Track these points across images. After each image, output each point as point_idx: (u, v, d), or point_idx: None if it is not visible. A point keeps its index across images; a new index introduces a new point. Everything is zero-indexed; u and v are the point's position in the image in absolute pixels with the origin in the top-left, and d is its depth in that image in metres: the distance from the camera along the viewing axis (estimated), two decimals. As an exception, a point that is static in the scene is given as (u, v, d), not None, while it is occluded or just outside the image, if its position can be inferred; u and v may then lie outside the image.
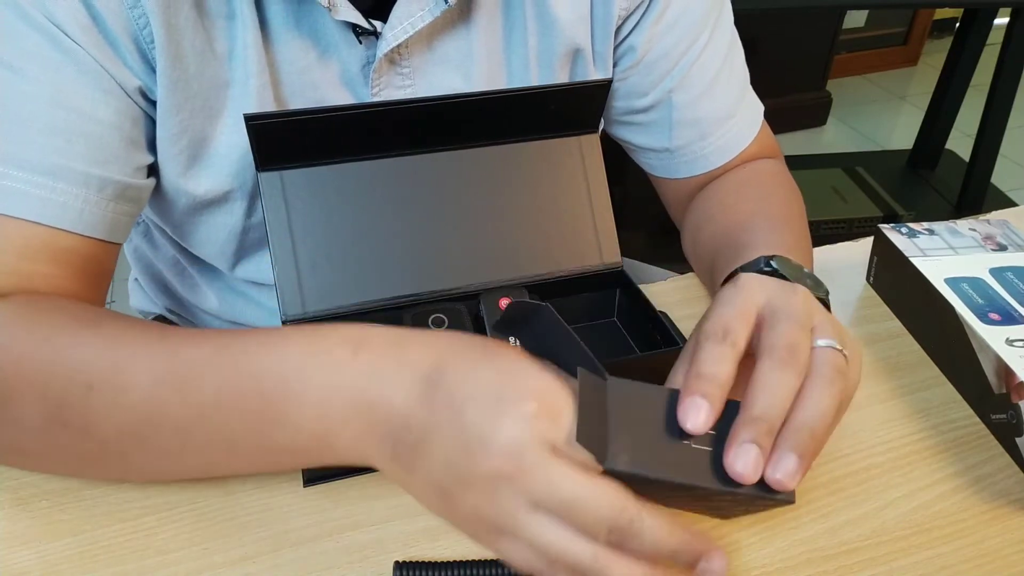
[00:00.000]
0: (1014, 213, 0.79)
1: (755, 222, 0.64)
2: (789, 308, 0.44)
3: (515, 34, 0.64)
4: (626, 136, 0.75)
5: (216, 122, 0.58)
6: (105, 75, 0.53)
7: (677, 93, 0.70)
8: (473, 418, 0.38)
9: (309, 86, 0.60)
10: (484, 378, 0.39)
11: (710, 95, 0.70)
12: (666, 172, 0.75)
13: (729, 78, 0.71)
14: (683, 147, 0.72)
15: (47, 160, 0.52)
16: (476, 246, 0.61)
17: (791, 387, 0.41)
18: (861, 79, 3.10)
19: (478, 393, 0.39)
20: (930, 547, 0.51)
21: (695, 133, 0.72)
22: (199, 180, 0.60)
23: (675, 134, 0.72)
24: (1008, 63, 1.94)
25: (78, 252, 0.54)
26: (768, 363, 0.41)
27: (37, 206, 0.52)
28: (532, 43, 0.64)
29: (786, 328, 0.43)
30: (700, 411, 0.40)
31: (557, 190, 0.63)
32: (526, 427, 0.38)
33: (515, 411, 0.38)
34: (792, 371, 0.41)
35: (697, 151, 0.72)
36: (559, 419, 0.39)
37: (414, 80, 0.62)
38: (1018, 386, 0.55)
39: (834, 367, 0.42)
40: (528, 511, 0.38)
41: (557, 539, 0.38)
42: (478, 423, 0.38)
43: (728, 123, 0.72)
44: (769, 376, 0.41)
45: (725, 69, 0.71)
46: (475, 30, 0.62)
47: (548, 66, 0.66)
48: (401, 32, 0.58)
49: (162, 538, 0.49)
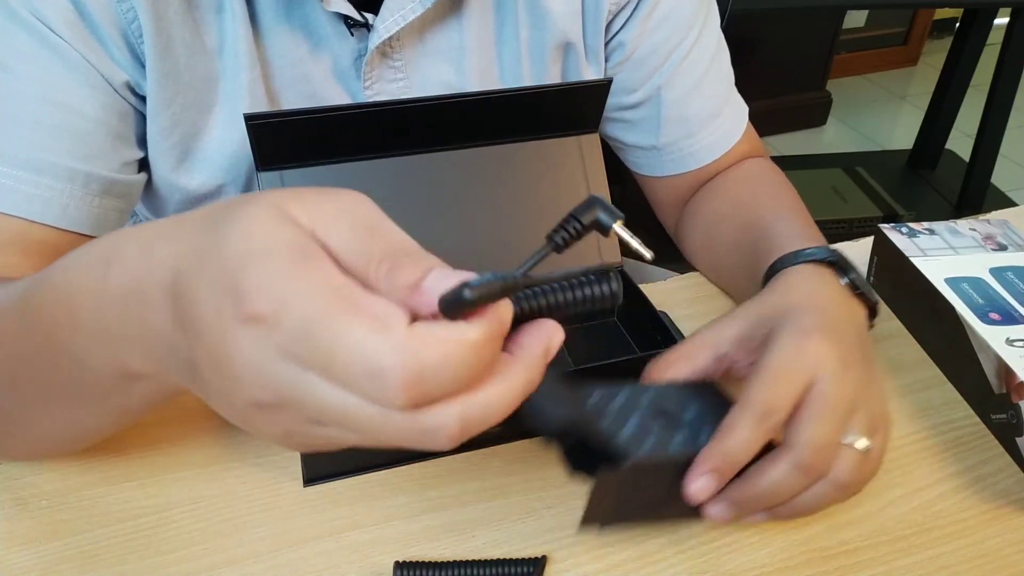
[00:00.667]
0: (1014, 213, 0.79)
1: (784, 214, 0.64)
2: (835, 400, 0.44)
3: (507, 27, 0.64)
4: (614, 133, 0.75)
5: (208, 116, 0.58)
6: (92, 70, 0.53)
7: (666, 90, 0.70)
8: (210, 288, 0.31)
9: (300, 79, 0.60)
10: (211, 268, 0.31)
11: (698, 92, 0.71)
12: (653, 170, 0.76)
13: (717, 76, 0.72)
14: (670, 145, 0.73)
15: (32, 155, 0.52)
16: (476, 246, 0.61)
17: (801, 487, 0.44)
18: (861, 79, 3.10)
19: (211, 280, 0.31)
20: (930, 547, 0.51)
21: (683, 131, 0.72)
22: (192, 175, 0.60)
23: (663, 131, 0.72)
24: (1008, 63, 1.94)
25: (52, 244, 0.54)
26: (788, 457, 0.43)
27: (21, 201, 0.52)
28: (524, 36, 0.65)
29: (821, 429, 0.44)
30: (708, 488, 0.43)
31: (557, 190, 0.63)
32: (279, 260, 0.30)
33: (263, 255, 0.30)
34: (808, 476, 0.44)
35: (684, 149, 0.73)
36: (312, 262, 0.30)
37: (406, 73, 0.62)
38: (1018, 386, 0.55)
39: (849, 470, 0.45)
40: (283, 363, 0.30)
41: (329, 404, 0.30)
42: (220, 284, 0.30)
43: (715, 122, 0.72)
44: (784, 472, 0.43)
45: (713, 67, 0.71)
46: (467, 22, 0.62)
47: (539, 59, 0.66)
48: (392, 24, 0.58)
49: (162, 538, 0.49)
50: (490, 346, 0.30)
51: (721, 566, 0.49)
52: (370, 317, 0.28)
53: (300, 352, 0.29)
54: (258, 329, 0.29)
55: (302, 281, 0.29)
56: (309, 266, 0.29)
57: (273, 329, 0.29)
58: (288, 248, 0.29)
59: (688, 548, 0.50)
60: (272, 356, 0.29)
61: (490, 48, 0.64)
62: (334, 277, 0.29)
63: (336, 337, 0.28)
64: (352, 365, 0.28)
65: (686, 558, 0.49)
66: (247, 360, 0.30)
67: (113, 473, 0.53)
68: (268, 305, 0.29)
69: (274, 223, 0.30)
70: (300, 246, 0.30)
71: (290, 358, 0.29)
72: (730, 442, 0.43)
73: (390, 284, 0.30)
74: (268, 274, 0.29)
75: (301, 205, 0.31)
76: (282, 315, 0.28)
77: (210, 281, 0.30)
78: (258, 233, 0.30)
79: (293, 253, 0.29)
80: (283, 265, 0.29)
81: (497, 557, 0.48)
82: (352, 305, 0.28)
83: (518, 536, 0.50)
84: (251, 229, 0.30)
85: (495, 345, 0.31)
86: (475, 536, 0.50)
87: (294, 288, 0.29)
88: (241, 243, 0.30)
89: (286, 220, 0.30)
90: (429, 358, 0.28)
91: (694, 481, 0.43)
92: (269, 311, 0.29)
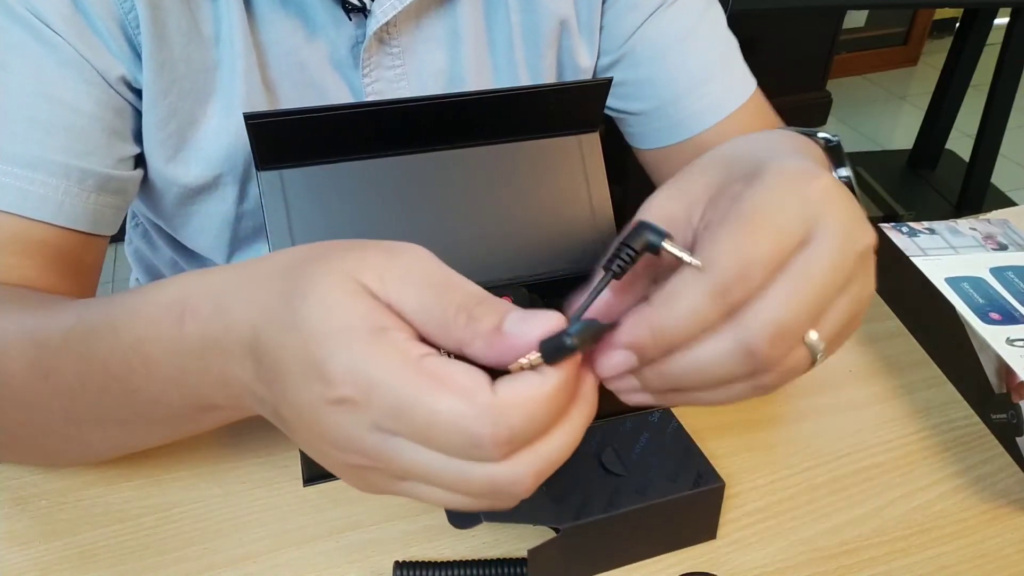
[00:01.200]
0: (1014, 213, 0.79)
1: None
2: (828, 273, 0.32)
3: (498, 12, 0.64)
4: (609, 102, 0.74)
5: (205, 106, 0.58)
6: (87, 66, 0.53)
7: (641, 45, 0.69)
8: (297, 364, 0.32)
9: (296, 67, 0.60)
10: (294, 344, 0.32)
11: (680, 52, 0.69)
12: (646, 141, 0.74)
13: (707, 39, 0.70)
14: (657, 110, 0.71)
15: (27, 152, 0.52)
16: (476, 246, 0.61)
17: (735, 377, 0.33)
18: (861, 79, 3.10)
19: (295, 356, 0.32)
20: (930, 547, 0.51)
21: (668, 94, 0.70)
22: (188, 166, 0.60)
23: (646, 92, 0.70)
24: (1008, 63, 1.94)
25: (52, 244, 0.54)
26: (738, 337, 0.32)
27: (17, 198, 0.52)
28: (515, 20, 0.65)
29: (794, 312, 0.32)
30: (622, 366, 0.34)
31: (557, 190, 0.63)
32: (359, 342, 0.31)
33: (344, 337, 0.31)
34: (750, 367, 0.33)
35: (672, 115, 0.70)
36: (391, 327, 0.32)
37: (403, 60, 0.62)
38: (1018, 386, 0.55)
39: (790, 374, 0.34)
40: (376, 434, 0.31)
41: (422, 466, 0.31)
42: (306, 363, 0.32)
43: (706, 87, 0.69)
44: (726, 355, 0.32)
45: (701, 29, 0.69)
46: (459, 7, 0.63)
47: (533, 43, 0.66)
48: (390, 8, 0.58)
49: (162, 538, 0.49)
50: (566, 393, 0.32)
51: (721, 566, 0.49)
52: (455, 387, 0.30)
53: (393, 427, 0.31)
54: (349, 410, 0.31)
55: (384, 359, 0.30)
56: (388, 341, 0.31)
57: (364, 409, 0.31)
58: (366, 326, 0.31)
59: (688, 548, 0.50)
60: (365, 431, 0.31)
61: (482, 33, 0.64)
62: (413, 349, 0.31)
63: (428, 413, 0.30)
64: (448, 436, 0.30)
65: (686, 558, 0.49)
66: (340, 435, 0.32)
67: (113, 473, 0.53)
68: (356, 389, 0.31)
69: (350, 299, 0.31)
70: (377, 321, 0.31)
71: (383, 431, 0.31)
72: (670, 313, 0.32)
73: (472, 333, 0.32)
74: (351, 357, 0.31)
75: (372, 272, 0.32)
76: (372, 396, 0.30)
77: (293, 358, 0.32)
78: (336, 310, 0.31)
79: (372, 331, 0.31)
80: (364, 346, 0.31)
81: (496, 557, 0.48)
82: (435, 378, 0.30)
83: (517, 536, 0.50)
84: (328, 306, 0.31)
85: (569, 390, 0.32)
86: (474, 536, 0.50)
87: (378, 368, 0.30)
88: (319, 323, 0.31)
89: (360, 293, 0.32)
90: (516, 419, 0.30)
91: (610, 357, 0.34)
92: (358, 394, 0.31)
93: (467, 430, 0.30)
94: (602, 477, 0.48)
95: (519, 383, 0.31)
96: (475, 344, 0.32)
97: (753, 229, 0.32)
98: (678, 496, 0.47)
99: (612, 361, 0.34)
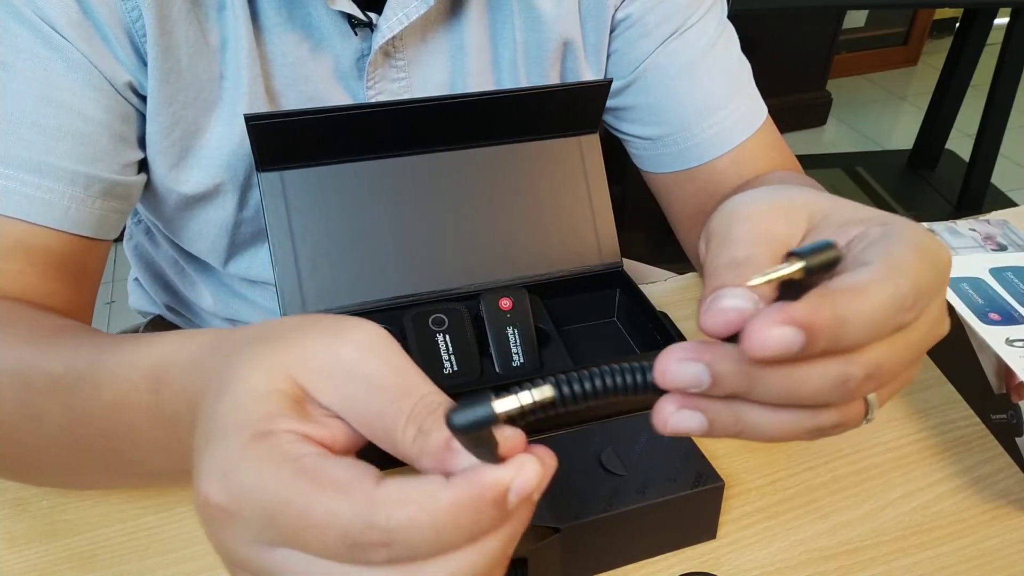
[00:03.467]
0: (1014, 213, 0.79)
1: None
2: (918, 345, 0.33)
3: (504, 29, 0.64)
4: (613, 123, 0.74)
5: (210, 115, 0.58)
6: (94, 71, 0.53)
7: (652, 71, 0.68)
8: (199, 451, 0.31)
9: (301, 79, 0.60)
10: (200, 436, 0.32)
11: (690, 79, 0.68)
12: (654, 165, 0.73)
13: (720, 67, 0.69)
14: (666, 136, 0.70)
15: (34, 157, 0.52)
16: (476, 246, 0.61)
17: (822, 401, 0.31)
18: (861, 79, 3.10)
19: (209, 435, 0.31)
20: (930, 547, 0.51)
21: (678, 121, 0.69)
22: (190, 173, 0.60)
23: (655, 118, 0.70)
24: (1008, 63, 1.94)
25: (56, 250, 0.54)
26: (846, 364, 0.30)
27: (23, 204, 0.52)
28: (520, 38, 0.65)
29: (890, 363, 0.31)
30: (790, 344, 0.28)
31: (557, 190, 0.63)
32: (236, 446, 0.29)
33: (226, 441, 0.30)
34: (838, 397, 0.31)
35: (681, 142, 0.70)
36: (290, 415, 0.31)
37: (408, 73, 0.62)
38: (1018, 386, 0.55)
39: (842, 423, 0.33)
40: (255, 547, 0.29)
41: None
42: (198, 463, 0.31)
43: (717, 114, 0.69)
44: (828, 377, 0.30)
45: (713, 56, 0.69)
46: (466, 23, 0.63)
47: (537, 61, 0.66)
48: (396, 23, 0.58)
49: (162, 538, 0.49)
50: (468, 510, 0.27)
51: (721, 566, 0.49)
52: (330, 484, 0.28)
53: (271, 538, 0.28)
54: (226, 522, 0.29)
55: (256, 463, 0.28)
56: (267, 445, 0.29)
57: (239, 520, 0.28)
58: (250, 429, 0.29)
59: (688, 548, 0.50)
60: (244, 545, 0.29)
61: (487, 50, 0.64)
62: (294, 449, 0.29)
63: (299, 515, 0.27)
64: (322, 536, 0.27)
65: (686, 558, 0.49)
66: (222, 549, 0.30)
67: (113, 473, 0.53)
68: (228, 497, 0.28)
69: (255, 399, 0.30)
70: (265, 424, 0.29)
71: (261, 543, 0.29)
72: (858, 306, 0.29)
73: (419, 449, 0.29)
74: (225, 462, 0.29)
75: (302, 366, 0.30)
76: (243, 504, 0.28)
77: (197, 454, 0.30)
78: (239, 410, 0.30)
79: (255, 434, 0.29)
80: (239, 450, 0.29)
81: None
82: (309, 477, 0.28)
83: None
84: (239, 403, 0.30)
85: (476, 508, 0.28)
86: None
87: (248, 474, 0.28)
88: (223, 418, 0.30)
89: (270, 393, 0.30)
90: (397, 516, 0.27)
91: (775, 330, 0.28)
92: (231, 504, 0.28)
93: (339, 527, 0.27)
94: (602, 477, 0.48)
95: (410, 484, 0.27)
96: (422, 460, 0.29)
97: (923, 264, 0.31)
98: (678, 496, 0.47)
99: (777, 333, 0.28)
